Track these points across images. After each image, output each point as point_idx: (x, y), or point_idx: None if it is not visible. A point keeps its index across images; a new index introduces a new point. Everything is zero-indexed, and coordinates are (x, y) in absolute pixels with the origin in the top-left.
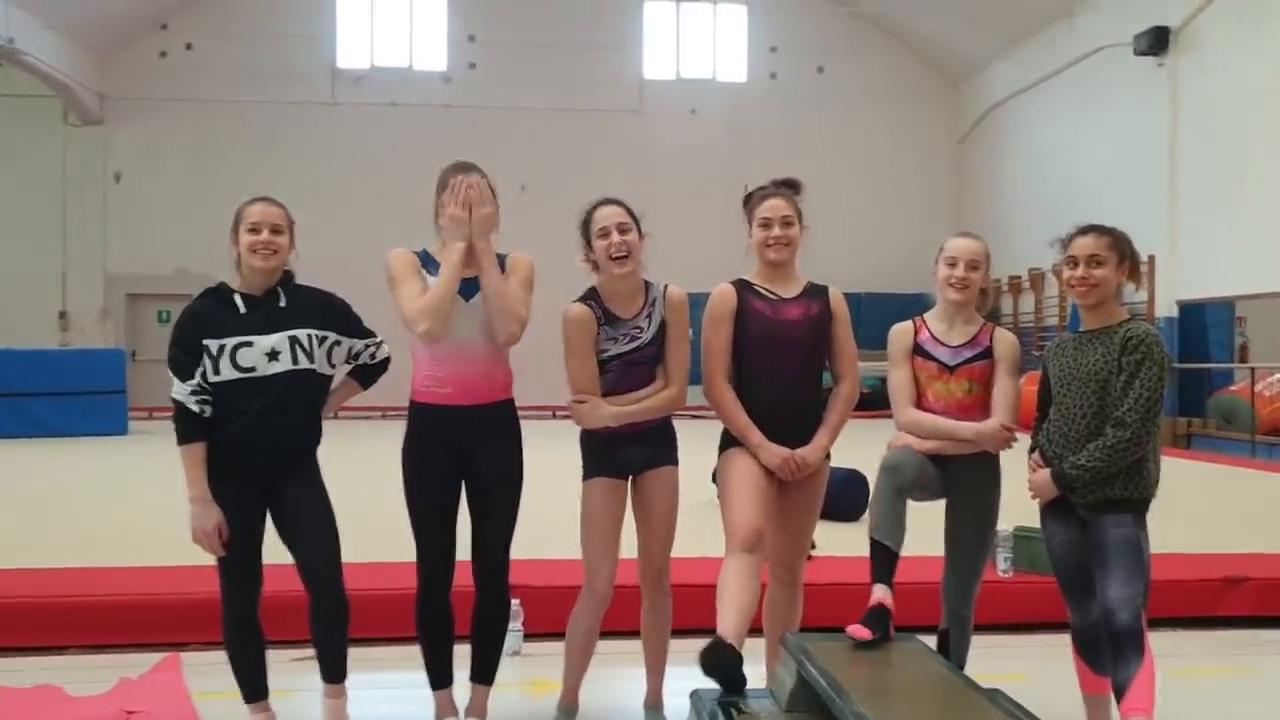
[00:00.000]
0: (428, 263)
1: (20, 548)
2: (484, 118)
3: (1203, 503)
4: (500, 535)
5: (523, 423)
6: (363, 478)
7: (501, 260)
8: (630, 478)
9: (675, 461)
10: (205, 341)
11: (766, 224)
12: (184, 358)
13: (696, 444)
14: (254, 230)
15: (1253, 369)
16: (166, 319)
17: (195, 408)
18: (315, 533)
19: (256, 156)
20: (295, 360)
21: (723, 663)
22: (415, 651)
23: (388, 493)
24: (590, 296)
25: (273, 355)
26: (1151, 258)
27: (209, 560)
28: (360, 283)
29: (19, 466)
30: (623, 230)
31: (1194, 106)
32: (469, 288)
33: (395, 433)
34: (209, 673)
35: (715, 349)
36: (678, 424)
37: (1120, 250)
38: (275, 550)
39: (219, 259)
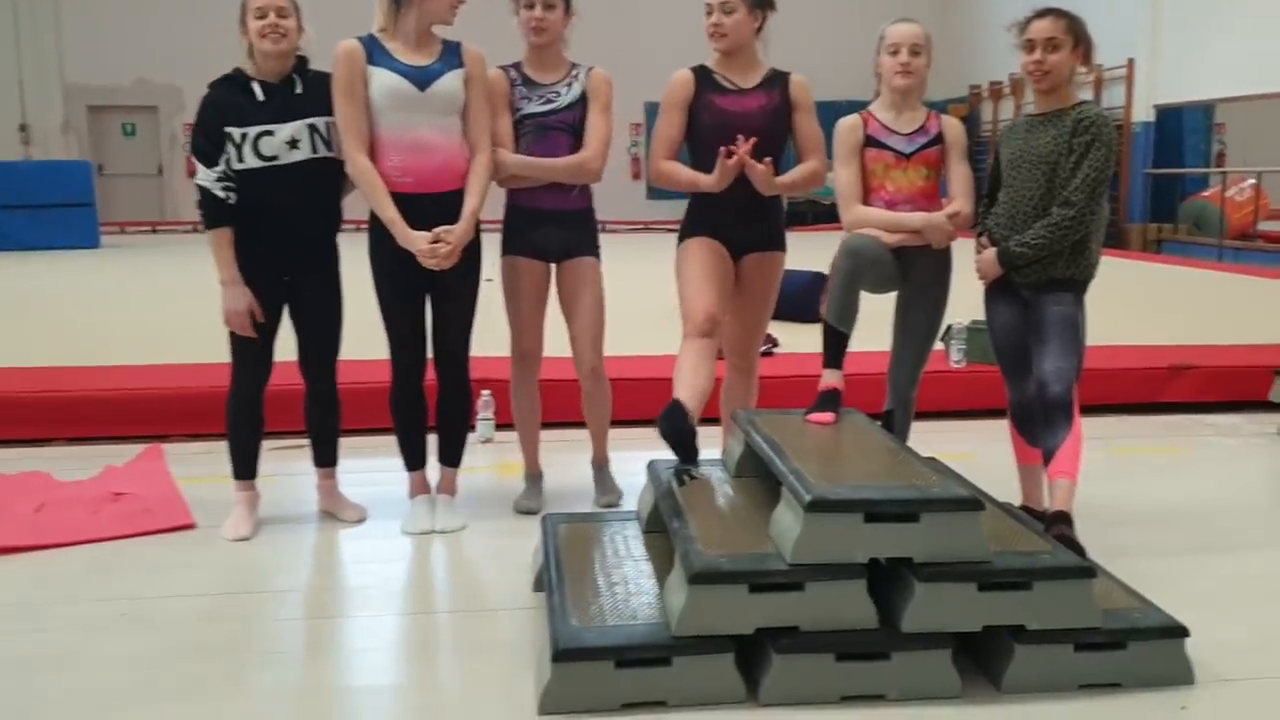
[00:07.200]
0: (373, 50)
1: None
2: None
3: (1164, 303)
4: (460, 318)
5: (486, 235)
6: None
7: (455, 48)
8: (552, 266)
9: (595, 253)
10: (228, 129)
11: (709, 10)
12: (208, 145)
13: (657, 255)
14: (260, 15)
15: (1225, 174)
16: (131, 132)
17: (221, 193)
18: (322, 328)
19: None
20: (314, 149)
21: (678, 426)
22: (392, 440)
23: (364, 294)
24: (511, 65)
25: (293, 144)
26: (1130, 61)
27: (191, 358)
28: None
29: None
30: (547, 6)
31: None
32: (424, 75)
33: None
34: (190, 460)
35: (663, 134)
36: (641, 236)
37: (1075, 33)
38: None
39: (181, 68)
